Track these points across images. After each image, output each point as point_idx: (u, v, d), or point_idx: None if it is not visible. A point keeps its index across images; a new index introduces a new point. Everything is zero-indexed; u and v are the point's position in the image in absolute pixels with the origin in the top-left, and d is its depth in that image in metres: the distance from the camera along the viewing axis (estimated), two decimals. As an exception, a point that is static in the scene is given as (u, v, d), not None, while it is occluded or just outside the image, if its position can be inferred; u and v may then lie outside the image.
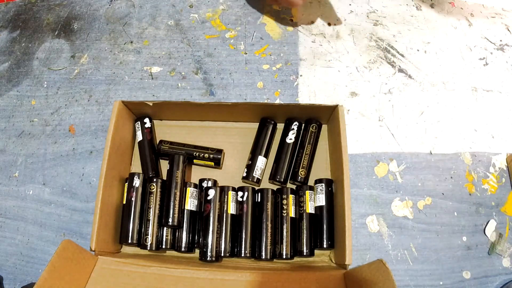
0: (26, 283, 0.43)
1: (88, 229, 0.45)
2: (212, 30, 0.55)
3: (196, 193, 0.43)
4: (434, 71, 0.53)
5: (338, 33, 0.54)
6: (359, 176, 0.47)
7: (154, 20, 0.56)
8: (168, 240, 0.41)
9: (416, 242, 0.44)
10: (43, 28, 0.56)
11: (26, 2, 0.58)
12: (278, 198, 0.43)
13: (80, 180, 0.47)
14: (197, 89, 0.51)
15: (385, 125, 0.49)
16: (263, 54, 0.53)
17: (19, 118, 0.51)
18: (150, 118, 0.47)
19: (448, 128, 0.50)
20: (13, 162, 0.49)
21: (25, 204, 0.47)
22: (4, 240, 0.46)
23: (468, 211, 0.46)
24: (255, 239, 0.41)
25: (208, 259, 0.39)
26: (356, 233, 0.45)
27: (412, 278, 0.43)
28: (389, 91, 0.51)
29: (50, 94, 0.52)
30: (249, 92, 0.51)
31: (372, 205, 0.46)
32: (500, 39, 0.55)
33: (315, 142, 0.46)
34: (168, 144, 0.46)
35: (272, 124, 0.46)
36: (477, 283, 0.43)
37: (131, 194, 0.42)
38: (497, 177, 0.48)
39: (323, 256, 0.43)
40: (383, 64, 0.53)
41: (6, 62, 0.55)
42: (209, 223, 0.40)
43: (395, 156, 0.48)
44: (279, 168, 0.44)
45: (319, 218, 0.42)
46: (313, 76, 0.52)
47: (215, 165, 0.46)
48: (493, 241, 0.45)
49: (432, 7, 0.57)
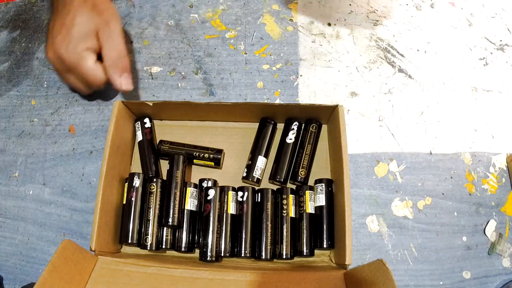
0: (26, 283, 0.43)
1: (88, 229, 0.45)
2: (212, 30, 0.55)
3: (196, 193, 0.43)
4: (434, 71, 0.53)
5: (338, 33, 0.54)
6: (359, 176, 0.47)
7: (154, 20, 0.56)
8: (168, 240, 0.41)
9: (416, 242, 0.44)
10: (43, 28, 0.56)
11: (26, 2, 0.58)
12: (278, 198, 0.43)
13: (80, 180, 0.47)
14: (197, 89, 0.51)
15: (385, 125, 0.49)
16: (263, 54, 0.53)
17: (19, 118, 0.51)
18: (150, 118, 0.47)
19: (448, 128, 0.50)
20: (13, 162, 0.49)
21: (25, 204, 0.47)
22: (4, 240, 0.46)
23: (468, 211, 0.46)
24: (255, 239, 0.41)
25: (208, 259, 0.39)
26: (356, 233, 0.45)
27: (412, 278, 0.43)
28: (389, 91, 0.51)
29: (50, 94, 0.52)
30: (249, 92, 0.51)
31: (372, 205, 0.46)
32: (500, 39, 0.55)
33: (315, 142, 0.46)
34: (168, 144, 0.46)
35: (272, 124, 0.46)
36: (477, 283, 0.43)
37: (131, 194, 0.42)
38: (497, 177, 0.48)
39: (323, 256, 0.43)
40: (383, 64, 0.53)
41: (6, 62, 0.55)
42: (209, 223, 0.40)
43: (395, 156, 0.48)
44: (279, 168, 0.44)
45: (319, 218, 0.42)
46: (313, 76, 0.52)
47: (215, 165, 0.46)
48: (493, 241, 0.45)
49: (432, 7, 0.57)
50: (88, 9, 0.43)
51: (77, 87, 0.46)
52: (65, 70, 0.43)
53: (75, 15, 0.42)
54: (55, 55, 0.42)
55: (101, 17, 0.43)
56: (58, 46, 0.42)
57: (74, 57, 0.42)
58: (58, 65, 0.43)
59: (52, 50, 0.42)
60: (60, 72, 0.44)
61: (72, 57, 0.42)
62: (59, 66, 0.43)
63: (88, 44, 0.42)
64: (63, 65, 0.43)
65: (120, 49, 0.43)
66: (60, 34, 0.42)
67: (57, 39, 0.42)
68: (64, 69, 0.43)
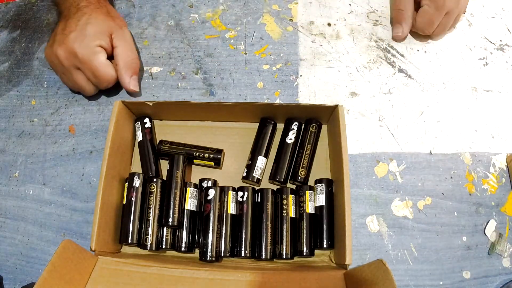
0: (26, 283, 0.43)
1: (88, 229, 0.45)
2: (212, 30, 0.55)
3: (196, 193, 0.43)
4: (434, 71, 0.53)
5: (338, 33, 0.54)
6: (359, 176, 0.47)
7: (154, 20, 0.56)
8: (168, 240, 0.41)
9: (416, 242, 0.44)
10: (43, 28, 0.56)
11: (26, 2, 0.58)
12: (278, 198, 0.43)
13: (80, 180, 0.47)
14: (197, 89, 0.51)
15: (385, 125, 0.49)
16: (263, 54, 0.53)
17: (19, 118, 0.51)
18: (150, 118, 0.47)
19: (448, 128, 0.50)
20: (13, 162, 0.49)
21: (25, 204, 0.47)
22: (4, 240, 0.46)
23: (468, 211, 0.46)
24: (255, 239, 0.41)
25: (208, 259, 0.39)
26: (356, 233, 0.45)
27: (412, 278, 0.43)
28: (389, 91, 0.51)
29: (50, 94, 0.52)
30: (249, 92, 0.51)
31: (372, 205, 0.46)
32: (500, 39, 0.55)
33: (315, 142, 0.46)
34: (168, 144, 0.46)
35: (272, 124, 0.46)
36: (477, 283, 0.43)
37: (131, 194, 0.42)
38: (497, 177, 0.48)
39: (323, 256, 0.43)
40: (383, 64, 0.53)
41: (6, 62, 0.55)
42: (209, 223, 0.40)
43: (395, 156, 0.48)
44: (279, 168, 0.44)
45: (319, 218, 0.42)
46: (313, 76, 0.52)
47: (215, 165, 0.46)
48: (493, 241, 0.45)
49: (432, 7, 0.57)
50: (103, 14, 0.46)
51: (82, 85, 0.46)
52: (75, 66, 0.44)
53: (90, 16, 0.44)
54: (68, 50, 0.43)
55: (115, 22, 0.46)
56: (71, 41, 0.43)
57: (87, 52, 0.43)
58: (69, 60, 0.44)
59: (64, 46, 0.43)
60: (68, 69, 0.45)
61: (85, 52, 0.43)
62: (68, 62, 0.44)
63: (102, 42, 0.44)
64: (74, 60, 0.43)
65: (133, 51, 0.47)
66: (74, 31, 0.43)
67: (70, 36, 0.43)
68: (74, 65, 0.44)
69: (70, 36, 0.43)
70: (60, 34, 0.44)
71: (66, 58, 0.43)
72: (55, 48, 0.44)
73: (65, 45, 0.43)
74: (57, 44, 0.44)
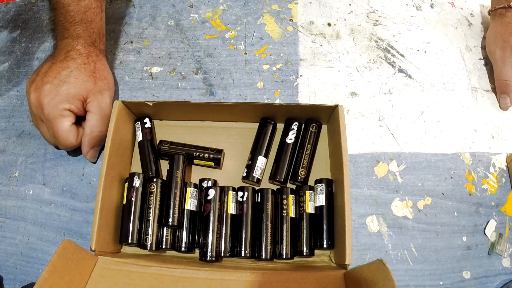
0: (26, 283, 0.43)
1: (88, 229, 0.45)
2: (212, 30, 0.55)
3: (196, 193, 0.43)
4: (434, 71, 0.53)
5: (338, 33, 0.54)
6: (359, 176, 0.47)
7: (154, 20, 0.56)
8: (168, 240, 0.41)
9: (416, 242, 0.44)
10: (43, 28, 0.56)
11: (26, 2, 0.58)
12: (278, 198, 0.43)
13: (80, 180, 0.47)
14: (197, 89, 0.51)
15: (385, 125, 0.49)
16: (263, 54, 0.53)
17: (19, 118, 0.51)
18: (150, 118, 0.47)
19: (448, 128, 0.50)
20: (13, 162, 0.49)
21: (25, 204, 0.47)
22: (4, 240, 0.46)
23: (468, 211, 0.46)
24: (255, 239, 0.41)
25: (208, 259, 0.39)
26: (356, 233, 0.45)
27: (412, 278, 0.43)
28: (389, 91, 0.51)
29: (50, 94, 0.52)
30: (249, 92, 0.51)
31: (372, 205, 0.46)
32: (500, 39, 0.55)
33: (315, 142, 0.46)
34: (168, 144, 0.46)
35: (272, 124, 0.46)
36: (477, 283, 0.43)
37: (131, 194, 0.42)
38: (497, 177, 0.48)
39: (323, 256, 0.43)
40: (383, 64, 0.53)
41: (6, 62, 0.55)
42: (209, 223, 0.40)
43: (395, 156, 0.48)
44: (279, 168, 0.44)
45: (319, 218, 0.42)
46: (313, 76, 0.52)
47: (215, 165, 0.46)
48: (493, 241, 0.45)
49: (432, 7, 0.57)
50: (87, 73, 0.43)
51: (44, 136, 0.45)
52: (40, 118, 0.43)
53: (71, 73, 0.42)
54: (38, 101, 0.42)
55: (96, 85, 0.44)
56: (43, 94, 0.41)
57: (53, 112, 0.41)
58: (35, 110, 0.42)
59: (37, 95, 0.42)
60: (35, 117, 0.44)
61: (51, 112, 0.41)
62: (36, 111, 0.43)
63: (72, 106, 0.42)
64: (41, 113, 0.42)
65: (104, 122, 0.44)
66: (49, 84, 0.42)
67: (45, 87, 0.41)
68: (40, 117, 0.43)
69: (45, 87, 0.41)
70: (40, 78, 0.42)
71: (35, 107, 0.42)
72: (31, 89, 0.42)
73: (38, 94, 0.41)
74: (33, 87, 0.42)
